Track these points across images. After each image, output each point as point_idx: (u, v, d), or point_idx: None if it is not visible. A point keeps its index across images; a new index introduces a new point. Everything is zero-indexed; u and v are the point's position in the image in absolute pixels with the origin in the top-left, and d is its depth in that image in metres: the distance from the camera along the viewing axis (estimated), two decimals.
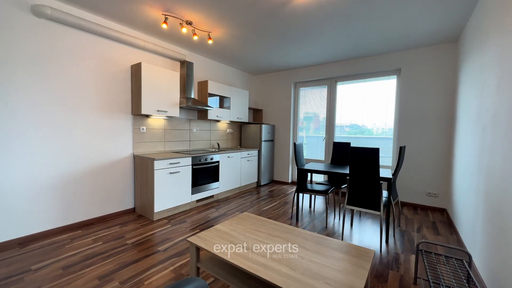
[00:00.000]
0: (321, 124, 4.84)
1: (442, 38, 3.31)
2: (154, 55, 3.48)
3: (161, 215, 3.07)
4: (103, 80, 2.93)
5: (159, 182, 2.99)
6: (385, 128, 4.13)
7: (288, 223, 3.00)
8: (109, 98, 2.99)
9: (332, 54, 4.00)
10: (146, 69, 3.05)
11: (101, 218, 2.94)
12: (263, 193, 4.45)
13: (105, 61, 2.94)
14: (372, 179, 2.36)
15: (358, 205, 2.48)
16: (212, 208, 3.52)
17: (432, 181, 3.62)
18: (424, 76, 3.63)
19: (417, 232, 2.79)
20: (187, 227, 2.82)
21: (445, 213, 3.46)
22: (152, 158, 2.93)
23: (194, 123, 4.14)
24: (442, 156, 3.52)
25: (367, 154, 2.36)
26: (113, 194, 3.07)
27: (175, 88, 3.44)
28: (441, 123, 3.51)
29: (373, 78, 4.19)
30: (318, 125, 4.90)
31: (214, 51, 3.97)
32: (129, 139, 3.21)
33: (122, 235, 2.56)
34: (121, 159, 3.14)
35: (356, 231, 2.81)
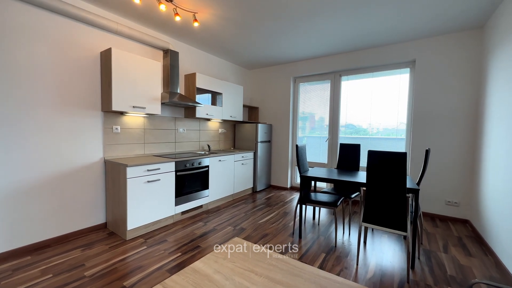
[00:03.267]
0: (323, 123, 4.36)
1: (465, 25, 2.86)
2: (130, 41, 2.94)
3: (136, 233, 2.54)
4: (64, 69, 2.38)
5: (133, 192, 2.46)
6: (396, 128, 3.67)
7: (290, 241, 2.51)
8: (72, 91, 2.45)
9: (337, 43, 3.52)
10: (117, 55, 2.52)
11: (61, 239, 2.40)
12: (259, 200, 3.94)
13: (67, 46, 2.40)
14: (397, 191, 1.88)
15: (378, 223, 2.00)
16: (199, 222, 3.00)
17: (452, 188, 3.17)
18: (443, 69, 3.18)
19: (445, 253, 2.32)
20: (166, 248, 2.30)
21: (468, 225, 3.01)
22: (125, 164, 2.40)
23: (180, 122, 3.61)
24: (464, 160, 3.07)
25: (391, 160, 1.88)
26: (78, 207, 2.53)
27: (155, 80, 2.91)
28: (463, 123, 3.07)
29: (382, 72, 3.73)
30: (319, 124, 4.43)
31: (203, 39, 3.45)
32: (98, 141, 2.68)
33: (82, 262, 2.03)
34: (89, 165, 2.60)
35: (372, 251, 2.33)
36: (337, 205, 2.45)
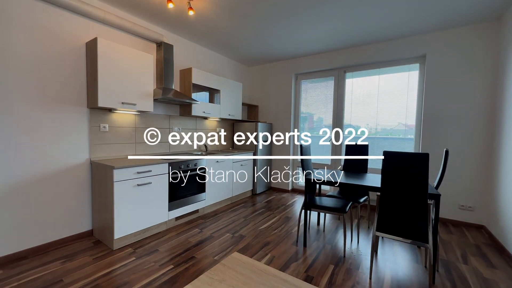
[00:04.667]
0: (326, 122, 4.15)
1: (481, 16, 2.66)
2: (120, 31, 2.71)
3: (124, 242, 2.31)
4: (45, 61, 2.15)
5: (121, 197, 2.22)
6: (405, 128, 3.46)
7: (294, 250, 2.28)
8: (54, 86, 2.21)
9: (341, 37, 3.30)
10: (104, 46, 2.28)
11: (40, 249, 2.16)
12: (259, 204, 3.72)
13: (48, 34, 2.16)
14: (418, 197, 1.67)
15: (395, 233, 1.78)
16: (195, 228, 2.77)
17: (466, 191, 2.96)
18: (456, 64, 2.98)
19: (465, 264, 2.11)
20: (157, 260, 2.06)
21: (484, 231, 2.81)
22: (111, 166, 2.16)
23: (175, 121, 3.37)
24: (479, 161, 2.87)
25: (411, 162, 1.66)
26: (61, 214, 2.29)
27: (147, 75, 2.68)
28: (479, 122, 2.86)
29: (389, 68, 3.52)
30: (322, 123, 4.21)
31: (200, 32, 3.22)
32: (84, 140, 2.44)
33: (61, 277, 1.79)
34: (73, 167, 2.36)
35: (384, 262, 2.11)
36: (346, 211, 2.23)
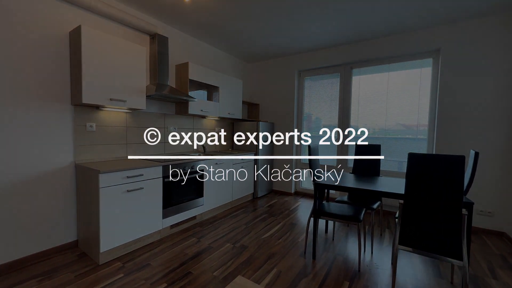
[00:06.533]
0: (331, 121, 3.92)
1: (503, 5, 2.45)
2: (109, 21, 2.46)
3: (112, 255, 2.06)
4: (22, 51, 1.89)
5: (108, 205, 1.97)
6: (417, 128, 3.24)
7: (302, 263, 2.05)
8: (32, 80, 1.96)
9: (347, 30, 3.07)
10: (89, 35, 2.03)
11: (16, 264, 1.90)
12: (261, 209, 3.48)
13: (25, 21, 1.91)
14: (450, 206, 1.44)
15: (421, 247, 1.55)
16: (192, 237, 2.52)
17: (484, 195, 2.75)
18: (474, 59, 2.76)
19: (494, 278, 1.89)
20: (149, 277, 1.82)
21: (505, 239, 2.59)
22: (96, 170, 1.91)
23: (171, 120, 3.13)
24: (500, 164, 2.65)
25: (441, 165, 1.43)
26: (41, 224, 2.03)
27: (139, 69, 2.43)
28: (499, 121, 2.65)
29: (399, 63, 3.30)
30: (327, 122, 3.98)
31: (196, 23, 2.98)
32: (68, 140, 2.18)
33: None
34: (55, 170, 2.11)
35: (404, 277, 1.88)
36: (361, 219, 2.00)
